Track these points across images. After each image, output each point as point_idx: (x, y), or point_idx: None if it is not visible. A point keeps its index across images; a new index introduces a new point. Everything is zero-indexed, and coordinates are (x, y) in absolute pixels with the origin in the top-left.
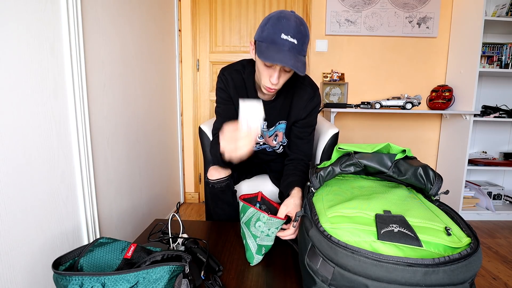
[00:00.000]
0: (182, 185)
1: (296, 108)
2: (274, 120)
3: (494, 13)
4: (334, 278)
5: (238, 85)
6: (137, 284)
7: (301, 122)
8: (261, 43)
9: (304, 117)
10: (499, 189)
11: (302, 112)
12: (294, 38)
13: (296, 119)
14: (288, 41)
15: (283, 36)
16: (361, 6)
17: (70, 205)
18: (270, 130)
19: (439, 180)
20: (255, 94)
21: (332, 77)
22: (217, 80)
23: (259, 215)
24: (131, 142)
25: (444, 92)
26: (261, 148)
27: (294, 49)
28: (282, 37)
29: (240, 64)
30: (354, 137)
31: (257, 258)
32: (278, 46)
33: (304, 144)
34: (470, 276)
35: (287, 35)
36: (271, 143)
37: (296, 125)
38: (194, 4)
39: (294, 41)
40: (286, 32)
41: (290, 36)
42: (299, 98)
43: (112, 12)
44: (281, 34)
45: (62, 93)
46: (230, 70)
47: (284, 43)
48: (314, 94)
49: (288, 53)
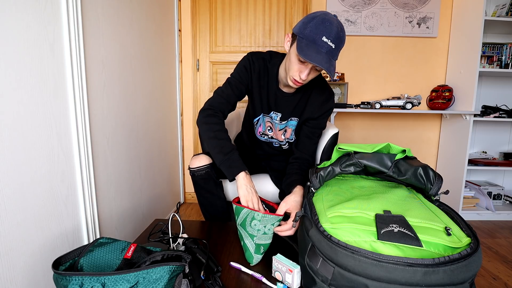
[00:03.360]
0: (182, 185)
1: (311, 106)
2: (287, 114)
3: (494, 13)
4: (334, 278)
5: (262, 71)
6: (137, 284)
7: (313, 122)
8: (302, 39)
9: (316, 117)
10: (499, 189)
11: (316, 112)
12: (333, 42)
13: (308, 117)
14: (327, 44)
15: (324, 39)
16: (361, 6)
17: (70, 205)
18: (282, 123)
19: (439, 180)
20: (275, 84)
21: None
22: (243, 59)
23: (253, 214)
24: (131, 142)
25: (444, 92)
26: (268, 141)
27: (330, 53)
28: (323, 39)
29: (268, 53)
30: (354, 137)
31: (257, 257)
32: (317, 47)
33: (312, 144)
34: (470, 276)
35: (328, 38)
36: (280, 137)
37: (307, 124)
38: (194, 4)
39: (332, 45)
40: (328, 36)
41: (330, 40)
42: (316, 98)
43: (112, 12)
44: (322, 36)
45: (62, 93)
46: (258, 56)
47: (323, 45)
48: (330, 97)
49: (325, 55)
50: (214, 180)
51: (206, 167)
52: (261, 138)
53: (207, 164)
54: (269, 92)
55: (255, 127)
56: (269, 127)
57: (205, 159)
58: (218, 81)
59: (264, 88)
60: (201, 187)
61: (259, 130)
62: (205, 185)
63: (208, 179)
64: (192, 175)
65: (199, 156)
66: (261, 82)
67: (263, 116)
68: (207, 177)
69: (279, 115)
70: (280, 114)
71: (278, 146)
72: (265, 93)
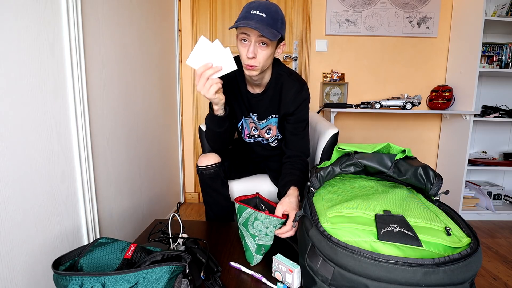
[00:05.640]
0: (182, 185)
1: (284, 100)
2: (264, 113)
3: (494, 13)
4: (334, 278)
5: (230, 78)
6: (137, 284)
7: (292, 118)
8: (236, 23)
9: (293, 111)
10: (499, 189)
11: (291, 106)
12: (262, 12)
13: (285, 112)
14: (256, 14)
15: (252, 12)
16: (361, 6)
17: (70, 205)
18: (261, 123)
19: (439, 180)
20: (245, 86)
21: (332, 77)
22: None
23: (256, 215)
24: (131, 142)
25: (444, 92)
26: (256, 140)
27: (264, 21)
28: (252, 12)
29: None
30: (354, 137)
31: (257, 258)
32: (248, 19)
33: (300, 140)
34: (470, 276)
35: (256, 10)
36: (265, 135)
37: (288, 121)
38: (194, 4)
39: (262, 14)
40: (255, 8)
41: (258, 11)
42: (287, 91)
43: (112, 12)
44: (250, 11)
45: (62, 93)
46: None
47: (253, 16)
48: (301, 87)
49: (256, 22)
50: (222, 179)
51: (215, 166)
52: (249, 140)
53: (216, 163)
54: (242, 95)
55: (241, 132)
56: (253, 127)
57: (214, 157)
58: None
59: (237, 93)
60: (207, 186)
61: (245, 133)
62: (212, 183)
63: (216, 178)
64: (200, 174)
65: (208, 155)
66: (232, 88)
67: (244, 118)
68: (215, 176)
69: (256, 115)
70: (256, 114)
71: (267, 144)
72: (239, 97)
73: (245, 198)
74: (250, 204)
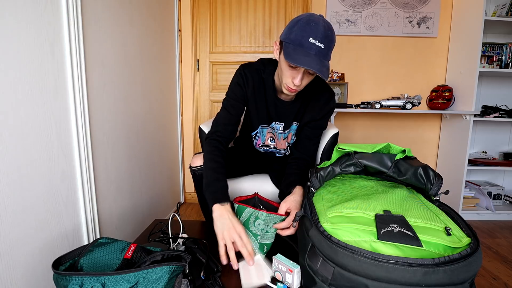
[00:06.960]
0: (182, 185)
1: (312, 110)
2: (290, 122)
3: (494, 13)
4: (334, 278)
5: (257, 84)
6: (137, 284)
7: (314, 123)
8: (288, 45)
9: (318, 119)
10: (499, 189)
11: (317, 115)
12: (321, 43)
13: (310, 119)
14: (315, 45)
15: (311, 40)
16: (361, 6)
17: (70, 205)
18: (285, 132)
19: (439, 180)
20: (273, 94)
21: (332, 77)
22: (236, 74)
23: (257, 213)
24: (131, 142)
25: (444, 92)
26: (269, 152)
27: (320, 54)
28: (310, 41)
29: (260, 63)
30: (354, 137)
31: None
32: (305, 50)
33: (312, 145)
34: (470, 276)
35: (315, 39)
36: (283, 146)
37: (309, 125)
38: (194, 4)
39: (321, 45)
40: (314, 36)
41: (318, 40)
42: (316, 101)
43: (112, 12)
44: (309, 38)
45: (62, 93)
46: (251, 69)
47: (311, 47)
48: (331, 98)
49: (314, 57)
50: None
51: None
52: (261, 149)
53: None
54: (268, 102)
55: (253, 140)
56: (271, 138)
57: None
58: (218, 81)
59: (262, 99)
60: (201, 186)
61: (258, 143)
62: None
63: None
64: (193, 174)
65: (201, 155)
66: (258, 94)
67: (261, 128)
68: None
69: (282, 124)
70: (282, 123)
71: (281, 156)
72: (264, 104)
73: (243, 199)
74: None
